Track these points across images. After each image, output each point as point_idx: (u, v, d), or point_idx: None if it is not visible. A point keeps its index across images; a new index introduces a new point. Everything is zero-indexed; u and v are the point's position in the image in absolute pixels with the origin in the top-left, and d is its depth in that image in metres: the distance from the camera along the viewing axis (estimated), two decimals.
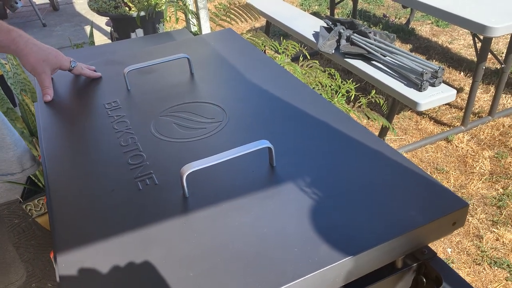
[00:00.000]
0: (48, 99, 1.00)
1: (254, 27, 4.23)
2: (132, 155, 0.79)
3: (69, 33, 4.18)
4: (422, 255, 0.66)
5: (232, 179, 0.72)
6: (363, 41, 2.53)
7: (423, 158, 2.51)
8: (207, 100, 0.94)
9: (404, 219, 0.61)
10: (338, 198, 0.66)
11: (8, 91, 2.22)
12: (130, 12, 2.92)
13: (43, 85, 1.01)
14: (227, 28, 1.33)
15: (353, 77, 2.87)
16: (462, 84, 3.14)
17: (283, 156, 0.74)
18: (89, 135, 0.89)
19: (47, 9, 4.83)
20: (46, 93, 1.00)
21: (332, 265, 0.56)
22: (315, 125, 0.83)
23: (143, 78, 1.06)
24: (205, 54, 1.16)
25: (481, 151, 2.50)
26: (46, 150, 0.84)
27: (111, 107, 0.95)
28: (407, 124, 2.80)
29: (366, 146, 0.76)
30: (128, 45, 1.58)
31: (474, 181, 2.31)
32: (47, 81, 1.01)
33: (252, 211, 0.65)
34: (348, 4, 4.44)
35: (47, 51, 1.03)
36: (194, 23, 2.32)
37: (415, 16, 4.10)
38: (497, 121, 2.73)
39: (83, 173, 0.78)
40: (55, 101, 1.01)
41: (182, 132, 0.85)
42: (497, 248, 1.96)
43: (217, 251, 0.59)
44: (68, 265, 0.59)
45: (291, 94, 0.93)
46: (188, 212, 0.66)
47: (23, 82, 1.89)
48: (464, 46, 3.61)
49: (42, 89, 1.01)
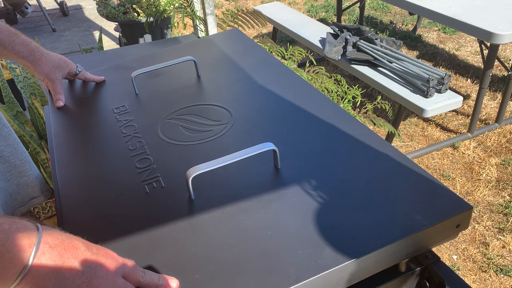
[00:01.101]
0: (61, 105, 1.03)
1: (261, 33, 4.26)
2: (140, 158, 0.81)
3: (78, 38, 4.23)
4: (425, 259, 0.67)
5: (237, 181, 0.72)
6: (369, 47, 2.54)
7: (429, 164, 2.50)
8: (213, 102, 0.96)
9: (407, 221, 0.61)
10: (342, 201, 0.66)
11: (18, 94, 2.25)
12: (139, 18, 2.95)
13: (56, 91, 1.04)
14: (234, 28, 1.34)
15: (359, 83, 2.87)
16: (469, 91, 3.13)
17: (288, 159, 0.75)
18: (98, 139, 0.90)
19: (56, 15, 4.89)
20: (59, 99, 1.03)
21: (335, 267, 0.56)
22: (320, 127, 0.84)
23: (151, 82, 1.08)
24: (211, 55, 1.17)
25: (488, 158, 2.49)
26: (56, 154, 0.85)
27: (120, 111, 0.97)
28: (413, 131, 2.79)
29: (371, 148, 0.76)
30: (136, 50, 1.60)
31: (481, 188, 2.30)
32: (59, 88, 1.05)
33: (257, 214, 0.65)
34: (355, 11, 4.45)
35: (57, 58, 1.06)
36: (202, 29, 2.34)
37: (422, 22, 4.10)
38: (504, 128, 2.72)
39: (91, 176, 0.79)
40: (65, 107, 1.02)
41: (188, 135, 0.86)
42: (503, 255, 1.95)
43: (222, 254, 0.60)
44: None
45: (297, 95, 0.94)
46: (193, 215, 0.67)
47: (32, 86, 1.91)
48: (471, 53, 3.61)
49: (55, 95, 1.04)
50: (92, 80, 1.12)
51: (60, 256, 0.47)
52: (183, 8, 2.33)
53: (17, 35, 0.99)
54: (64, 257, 0.47)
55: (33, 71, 1.03)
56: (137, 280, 0.53)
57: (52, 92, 1.04)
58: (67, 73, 1.09)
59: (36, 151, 1.61)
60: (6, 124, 0.98)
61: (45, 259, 0.46)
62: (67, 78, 1.11)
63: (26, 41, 1.01)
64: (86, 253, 0.50)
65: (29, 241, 0.45)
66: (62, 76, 1.07)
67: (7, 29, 0.98)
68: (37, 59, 1.02)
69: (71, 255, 0.48)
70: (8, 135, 0.98)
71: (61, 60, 1.07)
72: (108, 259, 0.51)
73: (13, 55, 0.99)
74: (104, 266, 0.50)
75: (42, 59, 1.02)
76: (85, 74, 1.11)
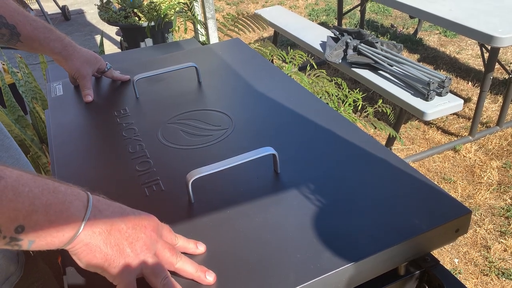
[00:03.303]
0: (89, 100, 1.04)
1: (262, 37, 4.27)
2: (140, 161, 0.81)
3: (80, 42, 4.22)
4: (424, 263, 0.67)
5: (237, 185, 0.73)
6: (370, 51, 2.54)
7: (430, 168, 2.50)
8: (213, 108, 0.96)
9: (406, 225, 0.61)
10: (341, 205, 0.66)
11: (20, 99, 2.26)
12: (140, 22, 2.96)
13: (86, 87, 1.06)
14: (235, 38, 1.35)
15: (360, 87, 2.88)
16: (470, 94, 3.13)
17: (288, 163, 0.75)
18: (98, 142, 0.91)
19: (58, 19, 4.91)
20: (88, 94, 1.05)
21: (334, 271, 0.56)
22: (319, 132, 0.84)
23: (152, 87, 1.08)
24: (212, 63, 1.18)
25: (489, 161, 2.49)
26: (56, 156, 0.86)
27: (120, 114, 0.97)
28: (414, 134, 2.80)
29: (369, 153, 0.77)
30: (138, 54, 1.61)
31: (482, 191, 2.29)
32: (89, 83, 1.06)
33: (256, 217, 0.66)
34: (356, 15, 4.46)
35: (88, 53, 1.09)
36: (203, 33, 2.35)
37: (423, 26, 4.11)
38: (505, 131, 2.72)
39: (91, 179, 0.79)
40: (66, 108, 1.03)
41: (188, 139, 0.86)
42: (505, 259, 1.95)
43: (222, 257, 0.60)
44: (77, 270, 0.60)
45: (297, 102, 0.95)
46: (193, 218, 0.67)
47: (34, 90, 1.92)
48: (472, 56, 3.61)
49: (84, 90, 1.05)
50: (119, 79, 1.13)
51: (108, 218, 0.54)
52: (184, 12, 2.34)
53: (52, 31, 1.02)
54: (112, 219, 0.54)
55: (64, 65, 1.06)
56: (172, 242, 0.60)
57: (82, 87, 1.06)
58: (97, 70, 1.10)
59: (37, 155, 1.61)
60: (7, 135, 0.99)
61: (96, 220, 0.52)
62: (95, 74, 1.12)
63: (60, 36, 1.03)
64: (130, 215, 0.56)
65: (83, 203, 0.52)
66: (92, 71, 1.09)
67: (43, 26, 1.00)
68: (70, 54, 1.04)
69: (118, 218, 0.55)
70: (10, 146, 0.99)
71: (92, 56, 1.09)
72: (150, 221, 0.58)
73: (47, 51, 1.02)
74: (148, 228, 0.56)
75: (75, 54, 1.05)
76: (112, 73, 1.13)
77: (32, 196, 0.48)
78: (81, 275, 0.59)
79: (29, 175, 0.49)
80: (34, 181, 0.49)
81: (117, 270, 0.53)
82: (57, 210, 0.49)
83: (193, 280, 0.57)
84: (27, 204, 0.47)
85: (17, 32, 0.95)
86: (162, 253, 0.57)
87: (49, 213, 0.49)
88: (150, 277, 0.55)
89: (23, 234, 0.47)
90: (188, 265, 0.58)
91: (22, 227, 0.47)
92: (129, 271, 0.54)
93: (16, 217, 0.47)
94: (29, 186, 0.48)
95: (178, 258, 0.58)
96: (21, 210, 0.47)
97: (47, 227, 0.49)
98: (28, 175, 0.49)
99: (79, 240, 0.51)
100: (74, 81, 1.09)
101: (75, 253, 0.52)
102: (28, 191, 0.48)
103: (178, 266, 0.57)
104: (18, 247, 0.48)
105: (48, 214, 0.49)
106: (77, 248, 0.51)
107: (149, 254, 0.55)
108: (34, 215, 0.48)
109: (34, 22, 0.98)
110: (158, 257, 0.56)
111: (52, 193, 0.50)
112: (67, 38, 1.04)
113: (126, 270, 0.54)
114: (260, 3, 5.28)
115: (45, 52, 1.03)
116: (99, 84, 1.13)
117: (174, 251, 0.58)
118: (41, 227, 0.48)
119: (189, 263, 0.58)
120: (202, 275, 0.57)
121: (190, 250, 0.60)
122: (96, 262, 0.52)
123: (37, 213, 0.48)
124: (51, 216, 0.49)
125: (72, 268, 0.60)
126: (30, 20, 0.97)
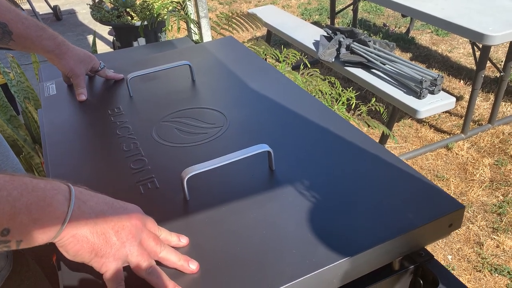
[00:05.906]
0: (83, 99, 1.03)
1: (255, 36, 4.27)
2: (134, 159, 0.81)
3: (72, 42, 4.18)
4: (419, 257, 0.67)
5: (232, 182, 0.73)
6: (362, 49, 2.55)
7: (423, 165, 2.52)
8: (208, 106, 0.96)
9: (400, 220, 0.62)
10: (336, 201, 0.67)
11: (12, 99, 2.25)
12: (133, 22, 2.95)
13: (79, 85, 1.05)
14: (228, 36, 1.35)
15: (353, 85, 2.89)
16: (462, 92, 3.15)
17: (282, 160, 0.75)
18: (92, 141, 0.90)
19: (50, 19, 4.88)
20: (82, 93, 1.04)
21: (330, 266, 0.57)
22: (313, 130, 0.85)
23: (146, 85, 1.08)
24: (206, 61, 1.18)
25: (481, 159, 2.51)
26: (50, 155, 0.85)
27: (114, 113, 0.97)
28: (407, 132, 2.81)
29: (363, 149, 0.77)
30: (131, 53, 1.60)
31: (475, 189, 2.31)
32: (83, 82, 1.06)
33: (252, 214, 0.66)
34: (349, 14, 4.48)
35: (82, 52, 1.08)
36: (196, 32, 2.35)
37: (415, 25, 4.13)
38: (497, 129, 2.74)
39: (86, 178, 0.79)
40: (59, 107, 1.02)
41: (183, 137, 0.86)
42: (497, 255, 1.96)
43: (217, 253, 0.60)
44: (71, 269, 0.60)
45: (291, 100, 0.95)
46: (188, 215, 0.67)
47: (26, 90, 1.91)
48: (463, 54, 3.64)
49: (77, 89, 1.05)
50: (112, 77, 1.13)
51: (93, 208, 0.54)
52: (177, 11, 2.34)
53: (45, 30, 1.01)
54: (96, 209, 0.55)
55: (58, 64, 1.05)
56: (156, 233, 0.60)
57: (75, 86, 1.05)
58: (90, 68, 1.10)
59: (30, 155, 1.60)
60: None
61: (80, 211, 0.53)
62: (88, 73, 1.11)
63: (53, 35, 1.02)
64: (115, 204, 0.58)
65: (64, 196, 0.52)
66: (86, 70, 1.08)
67: (35, 24, 0.99)
68: (63, 52, 1.03)
69: (103, 207, 0.56)
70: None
71: (86, 55, 1.08)
72: (135, 211, 0.59)
73: (40, 49, 1.01)
74: (132, 217, 0.57)
75: (68, 53, 1.04)
76: (106, 71, 1.12)
77: (11, 199, 0.47)
78: (75, 270, 0.59)
79: (6, 177, 0.49)
80: (11, 183, 0.48)
81: (104, 258, 0.54)
82: (39, 208, 0.49)
83: (176, 270, 0.58)
84: (8, 208, 0.47)
85: (9, 31, 0.95)
86: (147, 242, 0.57)
87: (32, 212, 0.49)
88: (136, 265, 0.56)
89: (9, 235, 0.47)
90: (172, 254, 0.58)
91: (7, 230, 0.47)
92: (116, 259, 0.55)
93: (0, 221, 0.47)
94: (7, 190, 0.48)
95: (162, 247, 0.58)
96: (4, 215, 0.47)
97: (32, 225, 0.49)
98: (5, 177, 0.49)
99: (66, 232, 0.51)
100: (67, 80, 1.09)
101: (62, 245, 0.52)
102: (7, 195, 0.47)
103: (162, 255, 0.58)
104: (7, 248, 0.48)
105: (31, 213, 0.49)
106: (64, 240, 0.52)
107: (134, 243, 0.56)
108: (18, 217, 0.48)
109: (26, 20, 0.97)
110: (142, 246, 0.57)
111: (32, 192, 0.49)
112: (60, 37, 1.04)
113: (112, 258, 0.54)
114: (253, 2, 5.28)
115: (38, 51, 1.02)
116: (93, 83, 1.13)
117: (158, 241, 0.59)
118: (26, 226, 0.48)
119: (172, 253, 0.59)
120: (185, 263, 0.58)
121: (173, 242, 0.61)
122: (83, 252, 0.53)
123: (20, 215, 0.48)
124: (34, 214, 0.49)
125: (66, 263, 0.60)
126: (22, 19, 0.97)
